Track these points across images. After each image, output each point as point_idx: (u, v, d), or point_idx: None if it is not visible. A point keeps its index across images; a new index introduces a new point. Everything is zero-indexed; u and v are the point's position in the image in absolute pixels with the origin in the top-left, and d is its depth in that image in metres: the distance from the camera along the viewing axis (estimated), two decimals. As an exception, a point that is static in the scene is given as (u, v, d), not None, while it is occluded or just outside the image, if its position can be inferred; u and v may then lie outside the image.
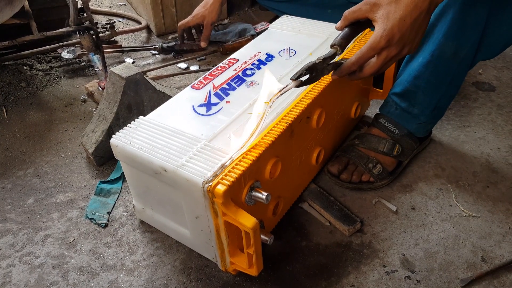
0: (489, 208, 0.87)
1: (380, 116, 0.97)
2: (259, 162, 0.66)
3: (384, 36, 0.65)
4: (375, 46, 0.66)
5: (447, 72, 0.85)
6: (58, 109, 1.21)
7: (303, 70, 0.67)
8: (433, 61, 0.85)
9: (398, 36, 0.65)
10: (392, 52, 0.67)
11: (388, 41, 0.65)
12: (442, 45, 0.82)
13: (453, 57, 0.83)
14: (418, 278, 0.75)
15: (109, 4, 1.88)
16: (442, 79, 0.86)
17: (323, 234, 0.83)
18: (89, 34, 1.10)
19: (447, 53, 0.83)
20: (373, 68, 0.69)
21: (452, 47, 0.82)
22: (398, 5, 0.64)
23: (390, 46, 0.66)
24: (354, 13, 0.68)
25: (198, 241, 0.74)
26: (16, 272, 0.78)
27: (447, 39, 0.81)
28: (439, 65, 0.85)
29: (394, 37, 0.65)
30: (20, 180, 0.98)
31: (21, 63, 1.38)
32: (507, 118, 1.12)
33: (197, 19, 1.36)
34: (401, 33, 0.64)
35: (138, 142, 0.70)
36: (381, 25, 0.65)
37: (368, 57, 0.68)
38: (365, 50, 0.67)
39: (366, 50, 0.67)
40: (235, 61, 0.91)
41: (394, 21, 0.64)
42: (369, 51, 0.67)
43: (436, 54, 0.84)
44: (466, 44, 0.81)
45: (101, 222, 0.86)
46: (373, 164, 0.91)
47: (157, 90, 1.02)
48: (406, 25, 0.64)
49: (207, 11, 1.33)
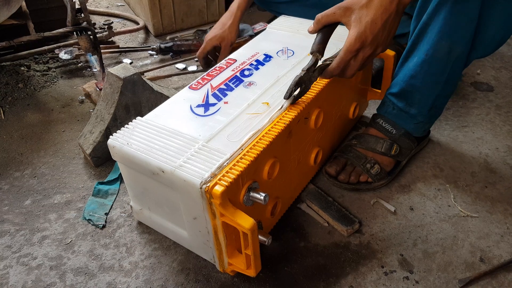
0: (487, 208, 0.87)
1: (377, 116, 0.97)
2: (257, 163, 0.66)
3: (358, 39, 0.69)
4: (351, 49, 0.70)
5: (442, 71, 0.86)
6: (56, 110, 1.20)
7: (292, 87, 0.73)
8: (427, 60, 0.85)
9: (371, 37, 0.70)
10: (367, 52, 0.72)
11: (362, 43, 0.70)
12: (436, 44, 0.83)
13: (448, 56, 0.83)
14: (416, 278, 0.74)
15: (106, 5, 1.88)
16: (438, 78, 0.87)
17: (321, 235, 0.82)
18: (86, 35, 1.09)
19: (441, 52, 0.83)
20: (353, 69, 0.75)
21: (446, 46, 0.82)
22: (368, 9, 0.69)
23: (364, 47, 0.71)
24: (328, 17, 0.72)
25: (196, 242, 0.73)
26: (13, 273, 0.77)
27: (441, 38, 0.82)
28: (434, 64, 0.85)
29: (367, 39, 0.70)
30: (17, 181, 0.97)
31: (19, 63, 1.38)
32: (505, 118, 1.12)
33: (214, 42, 1.27)
34: (373, 34, 0.69)
35: (135, 143, 0.70)
36: (354, 29, 0.70)
37: (347, 60, 0.72)
38: (343, 55, 0.72)
39: (344, 54, 0.71)
40: (233, 62, 0.90)
41: (366, 25, 0.69)
42: (347, 55, 0.71)
43: (430, 53, 0.84)
44: (460, 42, 0.82)
45: (98, 223, 0.86)
46: (371, 165, 0.91)
47: (155, 90, 1.01)
48: (378, 27, 0.69)
49: (225, 32, 1.26)
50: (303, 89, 0.75)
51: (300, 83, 0.73)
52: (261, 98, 0.79)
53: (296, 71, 0.85)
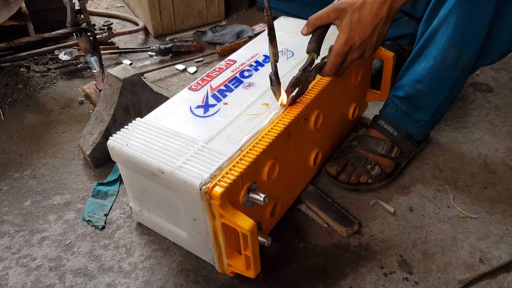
0: (486, 209, 0.87)
1: (379, 118, 0.97)
2: (256, 164, 0.66)
3: (346, 43, 0.72)
4: (341, 52, 0.73)
5: (450, 77, 0.85)
6: (55, 111, 1.20)
7: (289, 87, 0.73)
8: (435, 66, 0.84)
9: (359, 42, 0.72)
10: (354, 55, 0.75)
11: (350, 47, 0.73)
12: (445, 50, 0.82)
13: (456, 62, 0.83)
14: (416, 279, 0.74)
15: (106, 6, 1.88)
16: (444, 84, 0.86)
17: (321, 236, 0.82)
18: (86, 36, 1.09)
19: (450, 59, 0.83)
20: (343, 70, 0.78)
21: (455, 53, 0.82)
22: (360, 14, 0.70)
23: (352, 51, 0.74)
24: (321, 19, 0.74)
25: (195, 243, 0.73)
26: (13, 274, 0.77)
27: (450, 45, 0.81)
28: (441, 70, 0.85)
29: (355, 43, 0.72)
30: (17, 182, 0.97)
31: (18, 64, 1.38)
32: (504, 119, 1.12)
33: None
34: (361, 39, 0.72)
35: (135, 144, 0.70)
36: (344, 32, 0.72)
37: (338, 63, 0.75)
38: (334, 59, 0.75)
39: (335, 58, 0.74)
40: (233, 63, 0.91)
41: (356, 30, 0.71)
42: (337, 58, 0.74)
43: (439, 59, 0.83)
44: (469, 49, 0.81)
45: (98, 224, 0.86)
46: (372, 166, 0.91)
47: (154, 91, 1.02)
48: (367, 33, 0.71)
49: None
50: (301, 89, 0.75)
51: (297, 84, 0.74)
52: (260, 99, 0.79)
53: (296, 72, 0.85)
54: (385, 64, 0.99)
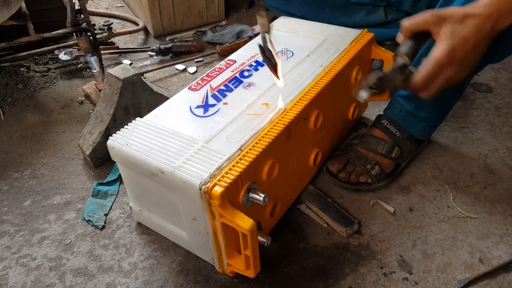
0: (486, 209, 0.87)
1: (382, 117, 0.97)
2: (256, 164, 0.66)
3: (449, 53, 0.62)
4: (440, 62, 0.63)
5: None
6: (55, 110, 1.20)
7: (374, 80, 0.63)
8: None
9: (461, 56, 0.63)
10: (452, 72, 0.64)
11: (450, 60, 0.63)
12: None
13: None
14: (415, 279, 0.74)
15: (106, 6, 1.88)
16: None
17: (320, 236, 0.82)
18: (86, 36, 1.09)
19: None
20: (433, 88, 0.67)
21: None
22: (463, 25, 0.62)
23: (451, 65, 0.64)
24: (418, 25, 0.65)
25: (195, 243, 0.73)
26: (13, 274, 0.77)
27: None
28: None
29: (456, 56, 0.63)
30: (17, 182, 0.97)
31: (18, 64, 1.38)
32: (504, 119, 1.12)
33: None
34: (463, 54, 0.62)
35: (135, 144, 0.70)
36: (445, 42, 0.62)
37: (435, 74, 0.65)
38: (431, 68, 0.64)
39: (432, 68, 0.64)
40: (233, 63, 0.91)
41: (458, 41, 0.62)
42: (435, 68, 0.64)
43: None
44: None
45: (98, 224, 0.86)
46: (372, 165, 0.91)
47: (154, 91, 1.02)
48: (469, 47, 0.62)
49: None
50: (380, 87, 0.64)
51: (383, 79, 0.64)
52: (260, 99, 0.79)
53: (296, 72, 0.85)
54: (385, 64, 0.99)
